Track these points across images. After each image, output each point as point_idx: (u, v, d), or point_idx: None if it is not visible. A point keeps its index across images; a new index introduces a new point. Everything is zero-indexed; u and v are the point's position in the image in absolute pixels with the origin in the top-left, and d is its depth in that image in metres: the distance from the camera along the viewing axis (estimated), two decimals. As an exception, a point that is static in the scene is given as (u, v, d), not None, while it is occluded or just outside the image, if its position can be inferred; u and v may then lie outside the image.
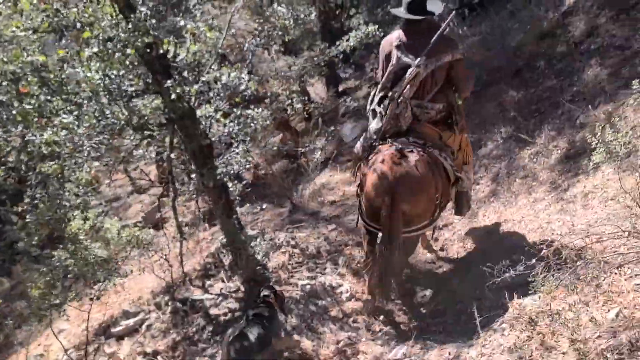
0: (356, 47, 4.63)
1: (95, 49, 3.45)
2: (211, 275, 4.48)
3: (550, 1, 6.48)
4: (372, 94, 3.85)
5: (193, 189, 4.87)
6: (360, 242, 4.73)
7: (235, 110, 4.25)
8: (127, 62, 3.40)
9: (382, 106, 3.64)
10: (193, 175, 4.57)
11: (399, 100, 3.56)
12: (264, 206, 6.22)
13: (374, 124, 3.70)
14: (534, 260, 2.90)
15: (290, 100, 4.76)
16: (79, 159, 3.30)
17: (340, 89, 10.18)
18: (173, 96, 3.63)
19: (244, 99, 4.27)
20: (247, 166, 4.64)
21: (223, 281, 4.31)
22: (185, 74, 3.91)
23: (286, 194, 6.41)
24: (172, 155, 4.43)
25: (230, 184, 4.47)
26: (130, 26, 3.47)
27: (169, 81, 3.63)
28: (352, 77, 11.47)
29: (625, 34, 5.18)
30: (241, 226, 4.61)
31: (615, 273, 2.65)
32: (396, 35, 3.68)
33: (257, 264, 4.14)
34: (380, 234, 3.66)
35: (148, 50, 3.65)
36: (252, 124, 4.20)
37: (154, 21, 3.62)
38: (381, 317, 3.81)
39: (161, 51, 3.73)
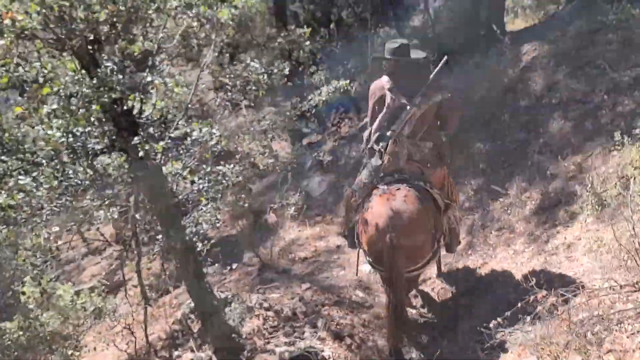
0: (326, 100, 4.59)
1: (55, 106, 3.26)
2: (178, 344, 4.15)
3: (510, 58, 6.71)
4: (366, 135, 4.00)
5: (157, 249, 4.60)
6: (338, 301, 4.53)
7: (204, 166, 4.08)
8: (92, 119, 3.20)
9: (380, 145, 3.79)
10: (159, 236, 4.32)
11: (399, 139, 3.74)
12: (234, 266, 5.93)
13: (374, 161, 3.81)
14: (528, 318, 2.77)
15: (261, 156, 4.62)
16: (36, 224, 3.01)
17: (304, 142, 10.15)
18: (141, 153, 3.43)
19: (214, 155, 4.11)
20: (218, 225, 4.43)
21: (192, 351, 3.99)
22: (151, 130, 3.73)
23: (254, 252, 6.16)
24: (137, 216, 4.17)
25: (199, 244, 4.23)
26: (95, 82, 3.30)
27: (135, 138, 3.43)
28: (315, 131, 11.51)
29: (584, 88, 5.37)
30: (211, 289, 4.34)
31: (616, 330, 2.55)
32: (385, 79, 3.88)
33: (230, 331, 3.86)
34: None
35: (115, 106, 3.48)
36: (223, 181, 4.02)
37: (120, 77, 3.47)
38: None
39: (126, 107, 3.57)
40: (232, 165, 4.10)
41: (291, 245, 6.50)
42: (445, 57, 4.05)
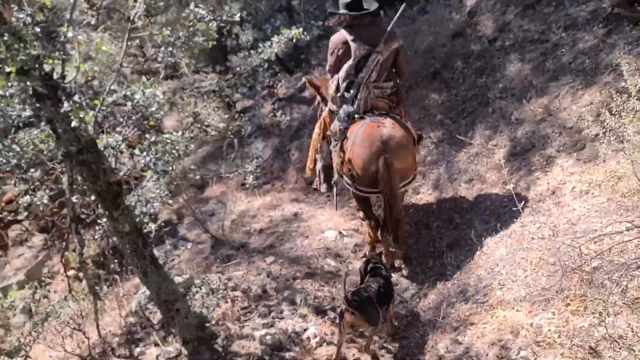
0: (277, 53, 4.12)
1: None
2: (138, 339, 3.65)
3: (454, 3, 6.45)
4: (335, 83, 4.24)
5: (100, 234, 4.02)
6: (309, 273, 4.18)
7: (147, 136, 3.52)
8: (10, 84, 2.58)
9: (351, 92, 4.12)
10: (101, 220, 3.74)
11: (367, 84, 4.11)
12: (188, 245, 5.40)
13: (346, 108, 4.14)
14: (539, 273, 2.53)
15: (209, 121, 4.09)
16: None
17: (238, 108, 9.56)
18: (74, 123, 2.84)
19: (157, 120, 3.56)
20: (170, 202, 3.90)
21: (156, 345, 3.51)
22: (77, 97, 3.11)
23: (203, 228, 5.66)
24: (73, 199, 3.56)
25: (151, 225, 3.71)
26: (6, 38, 2.65)
27: (65, 104, 2.83)
28: (246, 96, 10.90)
29: (538, 28, 5.20)
30: (169, 274, 3.84)
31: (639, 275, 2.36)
32: (345, 32, 4.15)
33: (198, 319, 3.40)
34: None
35: (33, 70, 2.84)
36: (174, 151, 3.49)
37: (37, 29, 2.82)
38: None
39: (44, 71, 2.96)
40: (180, 132, 3.58)
41: (242, 217, 6.03)
42: (404, 5, 4.38)
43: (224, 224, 5.80)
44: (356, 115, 4.09)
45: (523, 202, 3.67)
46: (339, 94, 4.17)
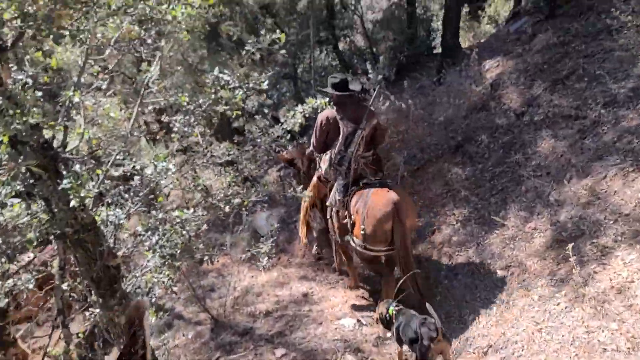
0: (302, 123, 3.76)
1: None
2: None
3: (473, 74, 6.23)
4: (328, 158, 4.61)
5: (88, 325, 3.48)
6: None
7: (154, 212, 3.09)
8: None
9: (343, 166, 4.52)
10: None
11: (356, 157, 4.52)
12: (189, 335, 4.83)
13: (341, 181, 4.54)
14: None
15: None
16: None
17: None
18: (72, 203, 2.40)
19: (166, 196, 3.14)
20: (175, 289, 3.41)
21: None
22: (77, 167, 2.70)
23: (202, 306, 5.11)
24: (64, 286, 3.05)
25: (152, 318, 3.19)
26: (0, 101, 2.27)
27: (65, 181, 2.40)
28: (249, 161, 10.53)
29: (571, 103, 4.92)
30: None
31: None
32: (332, 111, 4.50)
33: None
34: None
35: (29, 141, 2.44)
36: (184, 232, 3.05)
37: (39, 93, 2.45)
38: None
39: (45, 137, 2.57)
40: (191, 210, 3.15)
41: (246, 295, 5.50)
42: (378, 88, 4.94)
43: (226, 303, 5.26)
44: (353, 187, 4.48)
45: (581, 300, 3.21)
46: (331, 168, 4.60)
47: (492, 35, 8.33)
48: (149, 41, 3.02)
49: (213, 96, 2.80)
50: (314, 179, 4.91)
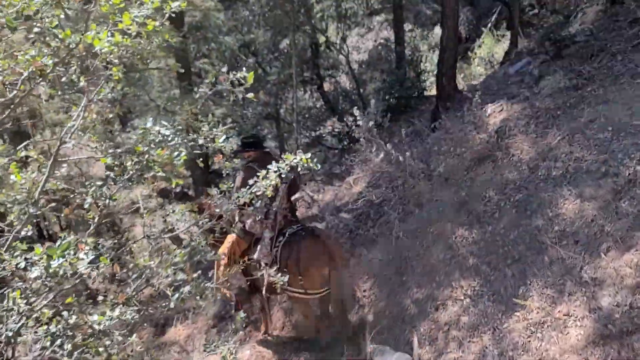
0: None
1: None
2: None
3: (475, 120, 5.51)
4: (259, 212, 4.52)
5: None
6: None
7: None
8: None
9: (269, 219, 4.69)
10: None
11: (280, 209, 4.74)
12: None
13: (267, 234, 4.68)
14: None
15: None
16: None
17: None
18: None
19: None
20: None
21: None
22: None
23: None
24: None
25: None
26: None
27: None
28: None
29: (596, 157, 4.19)
30: None
31: None
32: (255, 167, 4.36)
33: None
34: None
35: None
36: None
37: None
38: None
39: None
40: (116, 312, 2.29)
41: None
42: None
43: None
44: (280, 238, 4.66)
45: None
46: (258, 222, 4.70)
47: (488, 76, 7.71)
48: (64, 78, 2.22)
49: (140, 158, 1.98)
50: (232, 235, 4.74)
